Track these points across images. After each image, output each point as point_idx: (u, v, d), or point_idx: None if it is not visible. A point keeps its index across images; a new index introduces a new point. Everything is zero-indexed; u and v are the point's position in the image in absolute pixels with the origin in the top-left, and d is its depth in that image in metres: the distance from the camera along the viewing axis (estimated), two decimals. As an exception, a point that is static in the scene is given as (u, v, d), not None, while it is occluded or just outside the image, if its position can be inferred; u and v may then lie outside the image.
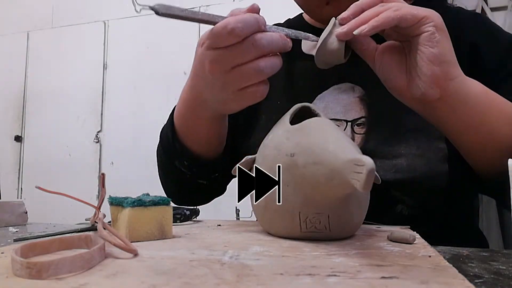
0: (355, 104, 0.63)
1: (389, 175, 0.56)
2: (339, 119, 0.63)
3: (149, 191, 0.43)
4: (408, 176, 0.55)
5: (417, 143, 0.56)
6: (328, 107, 0.63)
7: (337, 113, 0.63)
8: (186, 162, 0.60)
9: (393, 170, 0.56)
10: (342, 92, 0.64)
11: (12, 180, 2.76)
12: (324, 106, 0.64)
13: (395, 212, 0.57)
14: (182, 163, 0.60)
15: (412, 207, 0.56)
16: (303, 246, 0.35)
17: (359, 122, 0.61)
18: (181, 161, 0.60)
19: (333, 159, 0.32)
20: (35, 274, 0.23)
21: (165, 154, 0.63)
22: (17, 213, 0.61)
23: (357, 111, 0.62)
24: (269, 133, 0.45)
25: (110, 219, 0.42)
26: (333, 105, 0.63)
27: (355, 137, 0.61)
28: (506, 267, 0.30)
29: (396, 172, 0.56)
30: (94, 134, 2.65)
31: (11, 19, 2.94)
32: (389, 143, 0.58)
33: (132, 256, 0.30)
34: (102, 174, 0.40)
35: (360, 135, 0.61)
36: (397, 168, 0.56)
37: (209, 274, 0.24)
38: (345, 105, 0.63)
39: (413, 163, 0.55)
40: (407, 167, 0.56)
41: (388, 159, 0.57)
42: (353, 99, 0.63)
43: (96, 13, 2.73)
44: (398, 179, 0.56)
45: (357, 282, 0.23)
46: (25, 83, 2.85)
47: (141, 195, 0.40)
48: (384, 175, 0.55)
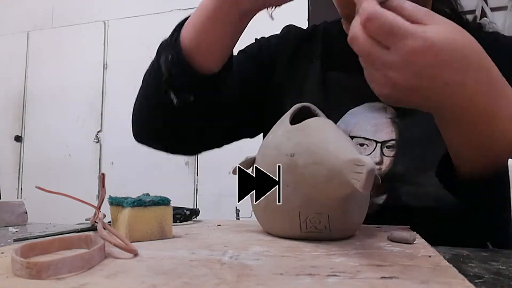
0: (386, 125, 0.61)
1: (415, 202, 0.55)
2: (369, 138, 0.61)
3: (149, 191, 0.43)
4: (434, 205, 0.54)
5: None
6: (359, 124, 0.62)
7: (367, 132, 0.62)
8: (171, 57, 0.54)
9: (420, 197, 0.55)
10: (374, 110, 0.63)
11: (12, 180, 2.76)
12: (355, 122, 0.63)
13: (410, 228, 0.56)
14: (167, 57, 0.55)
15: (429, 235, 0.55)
16: (303, 246, 0.35)
17: (388, 145, 0.60)
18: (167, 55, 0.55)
19: (333, 159, 0.32)
20: (35, 274, 0.23)
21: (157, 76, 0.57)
22: (17, 213, 0.61)
23: (388, 133, 0.61)
24: (269, 133, 0.45)
25: (110, 219, 0.42)
26: (364, 123, 0.62)
27: (384, 159, 0.59)
28: (506, 267, 0.30)
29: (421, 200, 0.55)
30: (94, 134, 2.65)
31: (11, 19, 2.94)
32: (419, 169, 0.56)
33: (132, 256, 0.30)
34: (102, 174, 0.40)
35: (389, 157, 0.59)
36: (422, 197, 0.55)
37: (209, 274, 0.24)
38: (375, 124, 0.61)
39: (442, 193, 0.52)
40: (435, 194, 0.54)
41: (416, 186, 0.56)
42: (384, 120, 0.62)
43: (96, 13, 2.73)
44: (422, 207, 0.55)
45: (357, 282, 0.23)
46: (25, 83, 2.85)
47: (141, 195, 0.40)
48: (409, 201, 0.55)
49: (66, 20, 2.81)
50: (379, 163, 0.60)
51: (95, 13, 2.74)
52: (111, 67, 2.68)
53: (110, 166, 2.59)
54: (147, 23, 2.59)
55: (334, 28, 0.74)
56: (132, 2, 2.66)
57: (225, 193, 2.16)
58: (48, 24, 2.86)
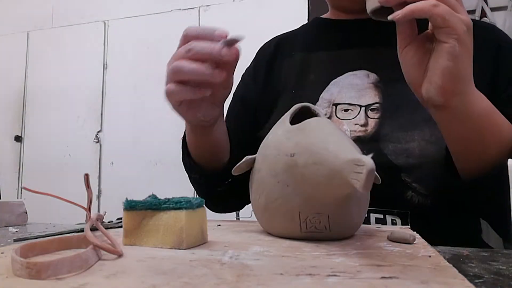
0: (369, 90, 0.64)
1: (400, 159, 0.57)
2: (353, 103, 0.64)
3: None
4: (420, 162, 0.56)
5: (431, 131, 0.57)
6: (342, 92, 0.65)
7: (351, 98, 0.64)
8: (197, 175, 0.64)
9: (405, 154, 0.57)
10: (356, 77, 0.66)
11: (12, 180, 2.76)
12: (338, 91, 0.65)
13: (405, 198, 0.57)
14: (196, 176, 0.65)
15: (422, 195, 0.57)
16: (303, 246, 0.35)
17: (373, 108, 0.62)
18: (194, 174, 0.65)
19: (333, 159, 0.32)
20: (35, 274, 0.23)
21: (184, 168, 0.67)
22: (17, 213, 0.61)
23: (371, 97, 0.63)
24: (269, 133, 0.45)
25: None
26: (347, 90, 0.65)
27: (369, 121, 0.62)
28: (506, 267, 0.30)
29: (408, 157, 0.57)
30: (94, 134, 2.65)
31: (11, 19, 2.94)
32: (403, 129, 0.59)
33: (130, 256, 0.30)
34: (86, 175, 0.37)
35: (374, 119, 0.62)
36: (409, 153, 0.57)
37: (209, 274, 0.24)
38: (359, 90, 0.64)
39: (426, 149, 0.56)
40: (419, 152, 0.57)
41: (401, 143, 0.58)
42: (367, 85, 0.64)
43: (96, 13, 2.74)
44: (409, 164, 0.57)
45: (357, 282, 0.23)
46: (25, 83, 2.85)
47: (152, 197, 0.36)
48: (395, 159, 0.57)
49: (66, 20, 2.81)
50: (364, 125, 0.62)
51: (95, 13, 2.74)
52: (111, 67, 2.68)
53: (110, 166, 2.60)
54: (147, 23, 2.60)
55: (312, 23, 0.80)
56: (132, 2, 2.66)
57: (225, 193, 2.16)
58: (48, 24, 2.86)
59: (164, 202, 0.34)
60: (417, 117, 0.59)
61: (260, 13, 2.34)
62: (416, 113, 0.59)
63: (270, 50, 0.79)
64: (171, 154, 2.59)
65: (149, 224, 0.34)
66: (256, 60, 0.80)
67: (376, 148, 0.59)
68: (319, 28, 0.77)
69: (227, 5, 2.41)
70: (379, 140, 0.60)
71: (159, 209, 0.34)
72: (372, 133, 0.61)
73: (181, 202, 0.33)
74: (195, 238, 0.35)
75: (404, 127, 0.59)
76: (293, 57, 0.74)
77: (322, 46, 0.72)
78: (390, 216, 0.58)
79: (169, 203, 0.34)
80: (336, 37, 0.72)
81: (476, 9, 1.96)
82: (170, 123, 2.48)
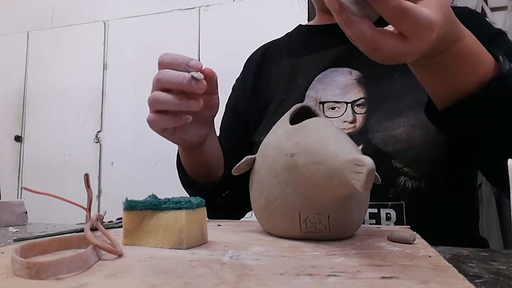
0: (353, 86, 0.65)
1: (389, 146, 0.58)
2: (338, 101, 0.65)
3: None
4: (408, 146, 0.57)
5: (416, 116, 0.58)
6: (327, 89, 0.66)
7: (336, 95, 0.66)
8: (194, 191, 0.66)
9: (392, 141, 0.58)
10: (339, 75, 0.67)
11: (12, 180, 2.76)
12: (323, 88, 0.67)
13: (399, 185, 0.58)
14: (193, 191, 0.66)
15: (415, 179, 0.57)
16: (303, 246, 0.35)
17: (359, 103, 0.63)
18: (191, 190, 0.67)
19: (333, 159, 0.32)
20: (35, 274, 0.23)
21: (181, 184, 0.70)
22: (17, 213, 0.61)
23: (356, 93, 0.65)
24: (269, 133, 0.45)
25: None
26: (331, 88, 0.66)
27: (357, 117, 0.63)
28: (506, 267, 0.30)
29: (396, 143, 0.58)
30: (94, 134, 2.65)
31: (11, 19, 2.94)
32: (389, 118, 0.60)
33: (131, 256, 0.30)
34: (86, 175, 0.37)
35: (361, 114, 0.63)
36: (396, 139, 0.58)
37: (209, 274, 0.24)
38: (343, 87, 0.66)
39: (412, 133, 0.57)
40: (406, 137, 0.57)
41: (388, 131, 0.59)
42: (350, 82, 0.66)
43: (96, 13, 2.74)
44: (398, 149, 0.57)
45: (357, 282, 0.23)
46: (25, 83, 2.85)
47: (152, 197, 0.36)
48: (385, 147, 0.58)
49: (66, 20, 2.81)
50: (353, 121, 0.63)
51: (95, 13, 2.74)
52: (111, 67, 2.68)
53: (110, 166, 2.59)
54: (147, 23, 2.60)
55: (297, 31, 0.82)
56: (132, 2, 2.66)
57: (225, 193, 2.17)
58: (48, 24, 2.86)
59: (164, 202, 0.34)
60: (401, 105, 0.60)
61: (260, 13, 2.34)
62: (399, 101, 0.60)
63: (256, 59, 0.81)
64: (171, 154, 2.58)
65: (149, 224, 0.34)
66: (244, 70, 0.82)
67: (364, 139, 0.60)
68: (305, 34, 0.79)
69: (227, 5, 2.41)
70: (367, 132, 0.61)
71: (159, 209, 0.34)
72: (360, 128, 0.62)
73: (181, 202, 0.33)
74: (195, 238, 0.34)
75: (389, 116, 0.60)
76: (280, 64, 0.76)
77: (308, 50, 0.74)
78: (385, 210, 0.58)
79: (169, 203, 0.33)
80: (321, 41, 0.74)
81: (476, 9, 1.95)
82: (170, 123, 2.47)
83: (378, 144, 0.59)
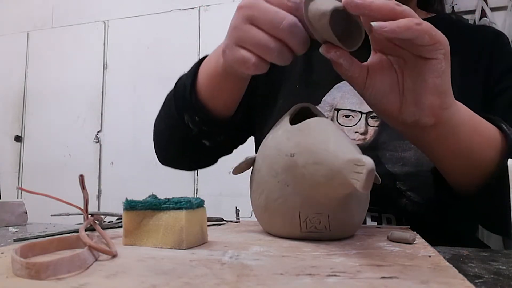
0: None
1: (397, 167, 0.57)
2: (354, 110, 0.64)
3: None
4: (415, 170, 0.56)
5: None
6: (345, 97, 0.65)
7: (353, 103, 0.64)
8: (198, 118, 0.56)
9: (401, 163, 0.57)
10: None
11: (12, 180, 2.76)
12: (340, 96, 0.65)
13: (399, 206, 0.58)
14: (193, 117, 0.57)
15: (416, 204, 0.57)
16: (303, 246, 0.35)
17: (373, 115, 0.62)
18: (192, 116, 0.57)
19: (333, 159, 0.32)
20: (34, 274, 0.23)
21: (176, 104, 0.59)
22: (17, 213, 0.61)
23: None
24: (269, 133, 0.45)
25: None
26: (350, 96, 0.65)
27: (369, 129, 0.62)
28: (506, 267, 0.30)
29: (404, 166, 0.57)
30: (94, 134, 2.65)
31: (11, 19, 2.94)
32: (401, 137, 0.59)
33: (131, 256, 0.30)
34: (81, 176, 0.36)
35: (373, 127, 0.62)
36: (404, 161, 0.57)
37: (209, 274, 0.24)
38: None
39: (421, 158, 0.56)
40: (415, 161, 0.57)
41: (398, 152, 0.58)
42: None
43: (96, 13, 2.73)
44: (405, 172, 0.57)
45: (357, 282, 0.23)
46: (25, 83, 2.85)
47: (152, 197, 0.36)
48: (392, 167, 0.57)
49: (66, 20, 2.81)
50: (364, 133, 0.62)
51: (95, 13, 2.74)
52: (111, 67, 2.67)
53: (110, 166, 2.59)
54: (147, 23, 2.59)
55: None
56: (132, 2, 2.66)
57: (225, 193, 2.17)
58: (48, 24, 2.86)
59: (164, 202, 0.34)
60: None
61: None
62: None
63: None
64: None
65: (149, 224, 0.34)
66: None
67: (373, 156, 0.58)
68: None
69: (227, 5, 2.41)
70: (377, 148, 0.60)
71: (159, 209, 0.34)
72: (370, 141, 0.61)
73: (181, 202, 0.33)
74: (195, 238, 0.35)
75: (401, 135, 0.57)
76: None
77: None
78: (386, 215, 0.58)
79: (169, 203, 0.34)
80: None
81: (476, 9, 1.95)
82: (170, 123, 2.47)
83: (386, 163, 0.58)
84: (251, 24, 0.41)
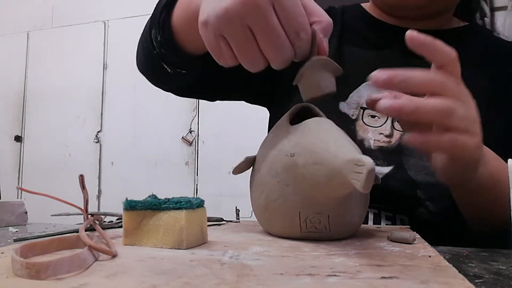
0: None
1: (419, 175, 0.56)
2: None
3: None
4: (437, 181, 0.55)
5: None
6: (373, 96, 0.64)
7: None
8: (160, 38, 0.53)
9: (424, 171, 0.56)
10: None
11: (12, 180, 2.76)
12: (368, 94, 0.64)
13: (415, 213, 0.57)
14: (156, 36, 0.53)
15: (432, 214, 0.56)
16: (303, 246, 0.35)
17: None
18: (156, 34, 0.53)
19: (333, 159, 0.32)
20: (34, 274, 0.23)
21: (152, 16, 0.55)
22: (17, 213, 0.61)
23: None
24: (269, 133, 0.45)
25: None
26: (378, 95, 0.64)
27: (394, 132, 0.60)
28: (506, 267, 0.30)
29: (427, 174, 0.56)
30: (94, 134, 2.65)
31: (11, 19, 2.94)
32: None
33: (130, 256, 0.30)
34: (81, 176, 0.36)
35: (399, 131, 0.60)
36: (428, 170, 0.56)
37: (209, 274, 0.24)
38: None
39: None
40: None
41: (423, 160, 0.57)
42: None
43: (96, 13, 2.74)
44: (427, 182, 0.56)
45: (357, 282, 0.23)
46: (25, 83, 2.85)
47: (152, 197, 0.36)
48: (414, 174, 0.56)
49: (66, 20, 2.81)
50: (389, 135, 0.61)
51: (95, 13, 2.74)
52: (111, 67, 2.68)
53: (110, 166, 2.59)
54: (147, 23, 2.59)
55: (353, 9, 0.75)
56: (132, 2, 2.66)
57: (225, 193, 2.17)
58: (48, 24, 2.86)
59: (164, 202, 0.34)
60: None
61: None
62: None
63: None
64: (171, 154, 2.59)
65: (149, 224, 0.34)
66: None
67: (397, 161, 0.59)
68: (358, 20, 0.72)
69: (227, 5, 2.41)
70: (402, 153, 0.59)
71: (159, 209, 0.34)
72: (395, 145, 0.60)
73: (181, 202, 0.33)
74: (195, 238, 0.34)
75: None
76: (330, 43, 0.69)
77: (358, 42, 0.69)
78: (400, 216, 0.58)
79: (169, 203, 0.33)
80: (377, 37, 0.69)
81: (476, 9, 1.95)
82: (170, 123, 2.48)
83: (409, 170, 0.58)
84: None
